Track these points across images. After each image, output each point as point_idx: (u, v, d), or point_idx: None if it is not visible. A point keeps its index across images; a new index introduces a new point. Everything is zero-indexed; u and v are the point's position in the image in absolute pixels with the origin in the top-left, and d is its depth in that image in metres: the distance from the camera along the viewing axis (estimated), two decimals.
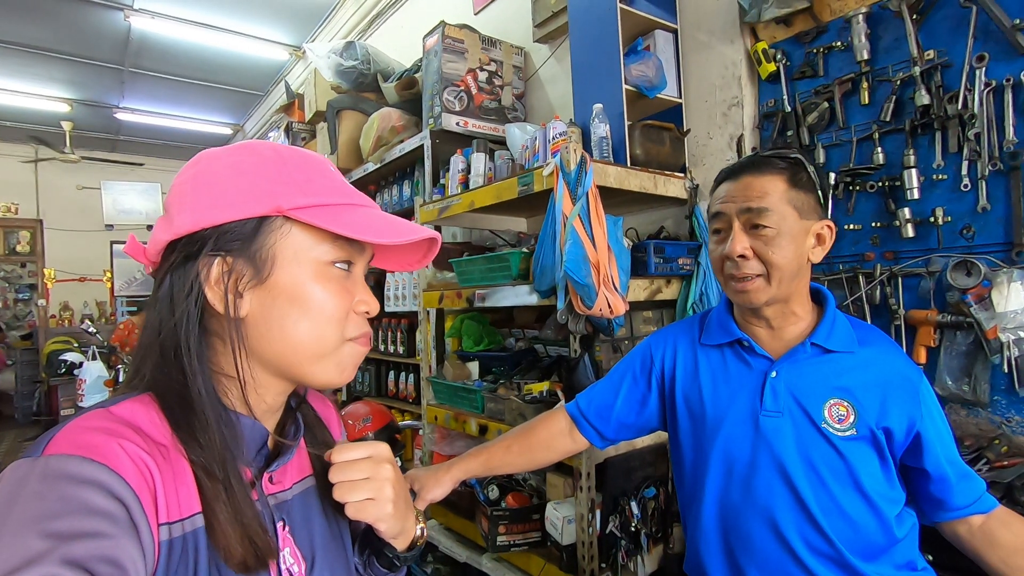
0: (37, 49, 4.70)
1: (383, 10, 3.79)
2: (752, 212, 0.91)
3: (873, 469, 0.91)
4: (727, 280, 0.97)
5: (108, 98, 5.93)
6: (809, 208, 0.93)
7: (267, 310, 0.53)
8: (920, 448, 0.90)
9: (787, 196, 0.91)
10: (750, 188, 0.93)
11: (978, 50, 1.30)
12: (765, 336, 1.00)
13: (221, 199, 0.51)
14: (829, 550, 0.90)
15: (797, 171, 0.93)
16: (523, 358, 1.97)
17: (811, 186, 0.94)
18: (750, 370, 0.99)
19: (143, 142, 7.48)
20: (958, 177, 1.34)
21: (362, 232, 0.53)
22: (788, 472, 0.92)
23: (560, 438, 1.17)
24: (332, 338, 0.55)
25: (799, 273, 0.94)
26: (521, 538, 1.58)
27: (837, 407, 0.91)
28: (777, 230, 0.91)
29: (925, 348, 1.37)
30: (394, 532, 0.61)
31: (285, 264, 0.53)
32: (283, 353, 0.54)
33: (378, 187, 3.07)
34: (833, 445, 0.90)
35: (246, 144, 0.56)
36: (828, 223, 0.95)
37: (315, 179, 0.54)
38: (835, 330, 0.96)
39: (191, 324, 0.52)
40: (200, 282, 0.52)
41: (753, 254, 0.92)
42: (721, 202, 0.96)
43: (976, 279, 1.28)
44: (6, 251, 7.50)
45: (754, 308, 0.97)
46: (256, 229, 0.52)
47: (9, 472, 0.43)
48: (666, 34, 1.88)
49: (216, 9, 4.16)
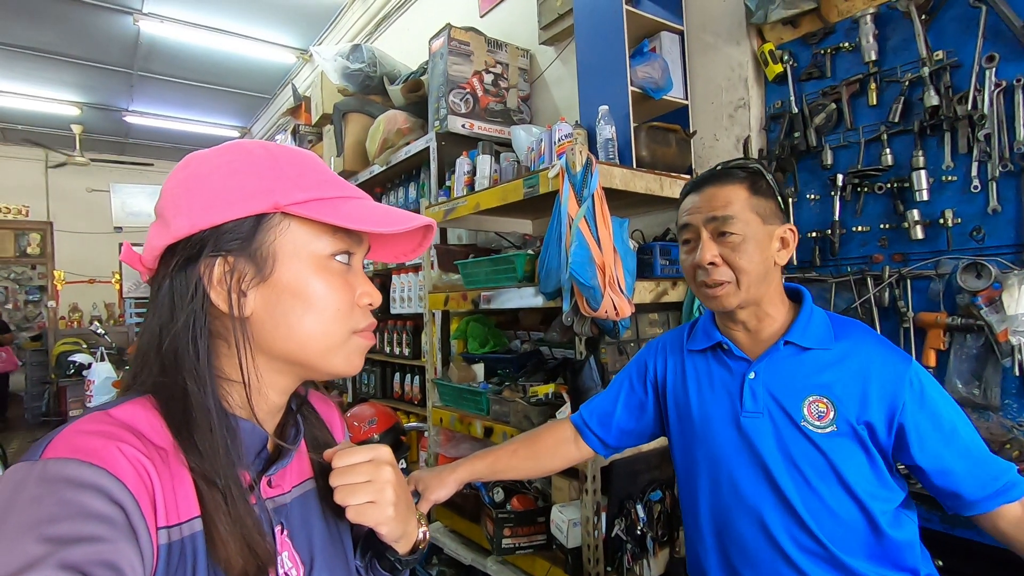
0: (47, 53, 4.76)
1: (389, 13, 3.81)
2: (718, 220, 0.95)
3: (858, 465, 0.90)
4: (699, 287, 0.99)
5: (117, 101, 5.99)
6: (771, 213, 0.96)
7: (272, 307, 0.53)
8: (905, 440, 0.87)
9: (749, 203, 0.95)
10: (714, 198, 0.96)
11: (988, 50, 1.29)
12: (743, 339, 1.01)
13: (217, 200, 0.51)
14: (818, 549, 0.90)
15: (757, 180, 0.97)
16: (528, 360, 1.96)
17: (771, 193, 0.97)
18: (730, 373, 1.01)
19: (152, 145, 7.55)
20: (968, 178, 1.33)
21: (361, 222, 0.53)
22: (771, 472, 0.93)
23: (565, 445, 1.18)
24: (339, 332, 0.56)
25: (767, 277, 0.96)
26: (526, 541, 1.58)
27: (816, 404, 0.92)
28: (743, 236, 0.94)
29: (935, 351, 1.35)
30: (396, 535, 0.60)
31: (286, 260, 0.53)
32: (291, 349, 0.54)
33: (384, 189, 3.08)
34: (813, 442, 0.90)
35: (234, 144, 0.55)
36: (790, 227, 0.99)
37: (307, 173, 0.54)
38: (810, 327, 0.97)
39: (199, 328, 0.51)
40: (203, 284, 0.52)
41: (722, 261, 0.95)
42: (688, 213, 1.00)
43: (986, 281, 1.27)
44: (17, 253, 7.58)
45: (728, 312, 0.99)
46: (255, 227, 0.52)
47: (7, 476, 0.42)
48: (672, 36, 1.88)
49: (224, 13, 4.19)
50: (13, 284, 7.62)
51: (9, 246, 7.53)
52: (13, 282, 7.63)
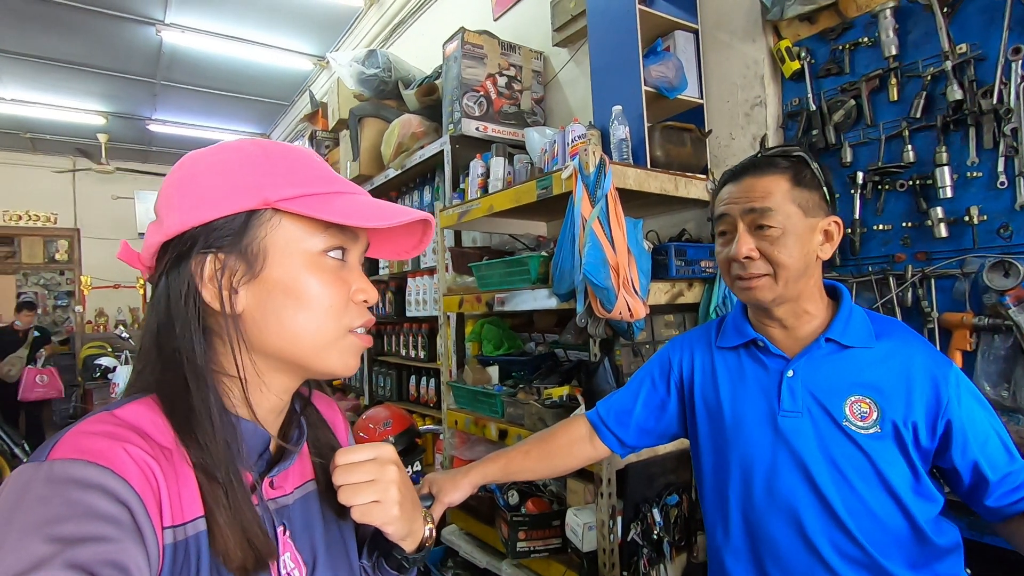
0: (74, 64, 4.89)
1: (404, 18, 3.84)
2: (756, 213, 0.91)
3: (901, 468, 0.87)
4: (733, 280, 0.96)
5: (141, 110, 6.13)
6: (814, 205, 0.92)
7: (263, 304, 0.53)
8: (950, 440, 0.85)
9: (791, 195, 0.90)
10: (753, 189, 0.92)
11: (1013, 42, 1.25)
12: (779, 336, 0.98)
13: (207, 196, 0.51)
14: (859, 554, 0.87)
15: (800, 169, 0.92)
16: (543, 362, 1.95)
17: (816, 183, 0.92)
18: (766, 371, 0.97)
19: (174, 152, 7.72)
20: (994, 174, 1.29)
21: (352, 217, 0.53)
22: (811, 473, 0.90)
23: (580, 444, 1.15)
24: (332, 329, 0.55)
25: (807, 271, 0.92)
26: (541, 544, 1.56)
27: (859, 404, 0.88)
28: (782, 229, 0.90)
29: (961, 352, 1.31)
30: (402, 534, 0.60)
31: (277, 256, 0.53)
32: (283, 347, 0.54)
33: (399, 193, 3.10)
34: (856, 443, 0.87)
35: (229, 142, 0.56)
36: (835, 219, 0.94)
37: (299, 169, 0.54)
38: (851, 325, 0.93)
39: (193, 324, 0.52)
40: (195, 281, 0.52)
41: (759, 254, 0.91)
42: (724, 204, 0.96)
43: (1015, 280, 1.22)
44: (46, 259, 7.79)
45: (764, 307, 0.96)
46: (245, 223, 0.52)
47: (14, 476, 0.43)
48: (686, 34, 1.86)
49: (244, 22, 4.27)
50: (43, 289, 7.83)
51: (39, 252, 7.75)
52: (43, 287, 7.84)
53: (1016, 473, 0.85)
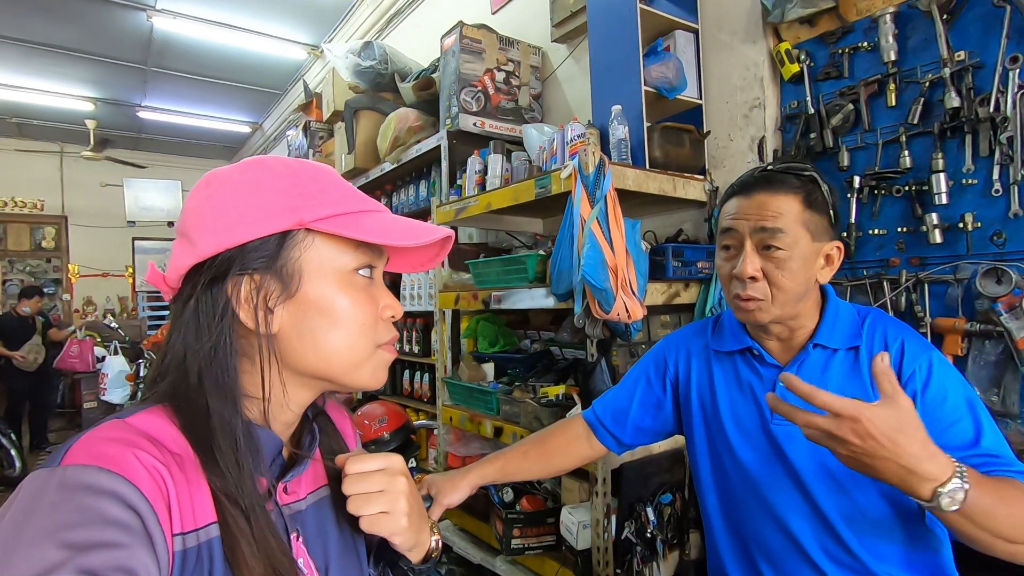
0: (62, 49, 4.80)
1: (401, 9, 3.80)
2: (766, 232, 0.89)
3: None
4: (732, 297, 0.96)
5: (131, 97, 6.04)
6: (822, 230, 0.91)
7: (299, 323, 0.54)
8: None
9: (802, 218, 0.89)
10: (765, 207, 0.90)
11: (1012, 51, 1.26)
12: (775, 346, 0.99)
13: (243, 218, 0.51)
14: (849, 559, 0.89)
15: (812, 190, 0.91)
16: (539, 360, 1.96)
17: (825, 206, 0.91)
18: (760, 380, 0.99)
19: (164, 140, 7.61)
20: (989, 182, 1.30)
21: (385, 236, 0.54)
22: (804, 481, 0.91)
23: (577, 443, 1.16)
24: (364, 346, 0.56)
25: (805, 295, 0.92)
26: (535, 542, 1.58)
27: None
28: (789, 253, 0.88)
29: (952, 357, 1.33)
30: (409, 545, 0.60)
31: (312, 276, 0.53)
32: (317, 365, 0.55)
33: (395, 187, 3.07)
34: None
35: (255, 160, 0.56)
36: (838, 244, 0.93)
37: (329, 189, 0.55)
38: (837, 326, 0.94)
39: (229, 348, 0.52)
40: (231, 303, 0.52)
41: (763, 275, 0.90)
42: (732, 218, 0.94)
43: (1007, 287, 1.24)
44: (32, 246, 7.68)
45: (760, 325, 0.96)
46: (280, 244, 0.52)
47: (28, 482, 0.43)
48: (687, 34, 1.86)
49: (236, 9, 4.20)
50: (29, 277, 7.71)
51: (25, 239, 7.63)
52: (29, 275, 7.72)
53: (969, 459, 0.78)
